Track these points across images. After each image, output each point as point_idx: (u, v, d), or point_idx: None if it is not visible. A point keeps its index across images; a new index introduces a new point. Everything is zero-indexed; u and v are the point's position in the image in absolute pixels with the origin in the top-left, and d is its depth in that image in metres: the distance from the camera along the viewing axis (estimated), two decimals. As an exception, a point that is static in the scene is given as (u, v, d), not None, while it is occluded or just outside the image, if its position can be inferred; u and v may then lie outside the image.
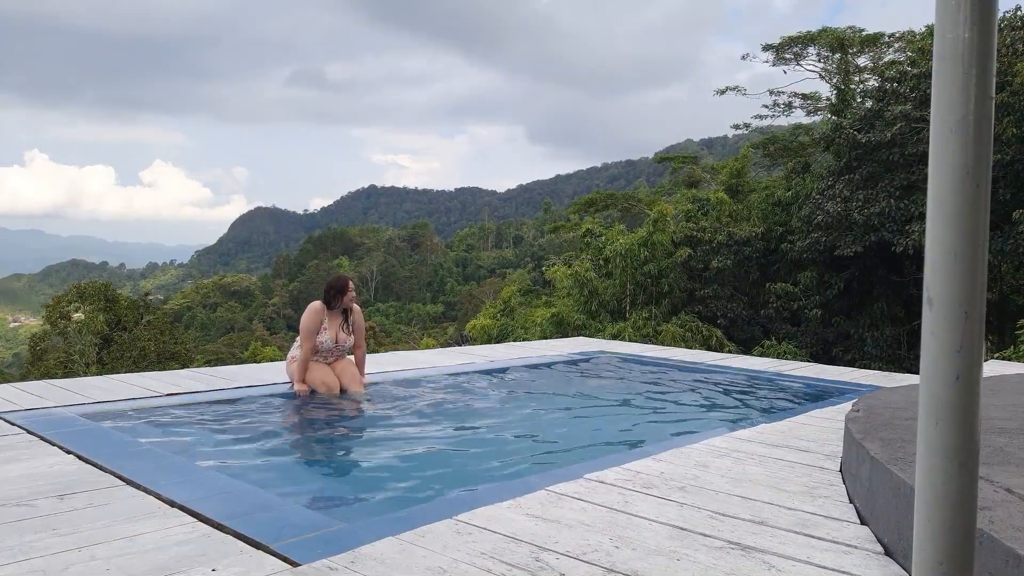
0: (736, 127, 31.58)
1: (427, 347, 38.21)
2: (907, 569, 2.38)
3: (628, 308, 21.19)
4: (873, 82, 24.11)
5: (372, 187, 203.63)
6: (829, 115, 23.83)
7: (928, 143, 1.16)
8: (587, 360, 8.18)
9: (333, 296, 5.71)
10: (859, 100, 24.15)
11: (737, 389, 6.83)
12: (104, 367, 27.15)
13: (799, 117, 28.50)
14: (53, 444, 3.89)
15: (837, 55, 25.08)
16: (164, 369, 18.47)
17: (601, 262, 21.60)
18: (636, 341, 16.39)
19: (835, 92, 23.50)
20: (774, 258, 20.85)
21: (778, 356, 16.56)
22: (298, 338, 5.73)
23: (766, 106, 27.95)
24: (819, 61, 25.72)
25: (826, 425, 4.63)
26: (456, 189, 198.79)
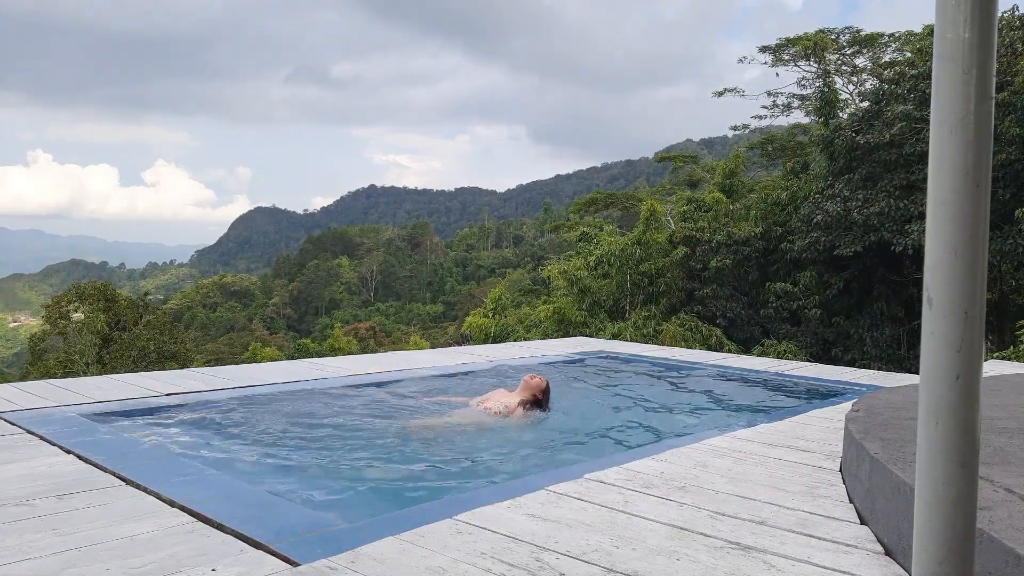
0: (735, 128, 31.61)
1: (416, 346, 38.22)
2: (907, 569, 2.38)
3: (628, 308, 21.22)
4: (871, 83, 24.11)
5: (372, 187, 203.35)
6: (815, 118, 23.88)
7: (928, 143, 1.16)
8: (587, 360, 8.18)
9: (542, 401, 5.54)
10: (855, 101, 24.15)
11: (737, 389, 6.83)
12: (104, 367, 27.13)
13: (798, 117, 28.50)
14: (53, 444, 3.89)
15: (815, 58, 25.04)
16: (164, 369, 18.47)
17: (592, 262, 21.65)
18: (637, 340, 16.39)
19: (818, 95, 23.53)
20: (773, 258, 20.85)
21: (778, 356, 16.56)
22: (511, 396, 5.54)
23: (765, 107, 27.98)
24: (815, 63, 25.70)
25: (826, 425, 4.63)
26: (456, 189, 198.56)
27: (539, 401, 5.44)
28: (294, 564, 2.39)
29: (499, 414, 5.25)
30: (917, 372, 2.41)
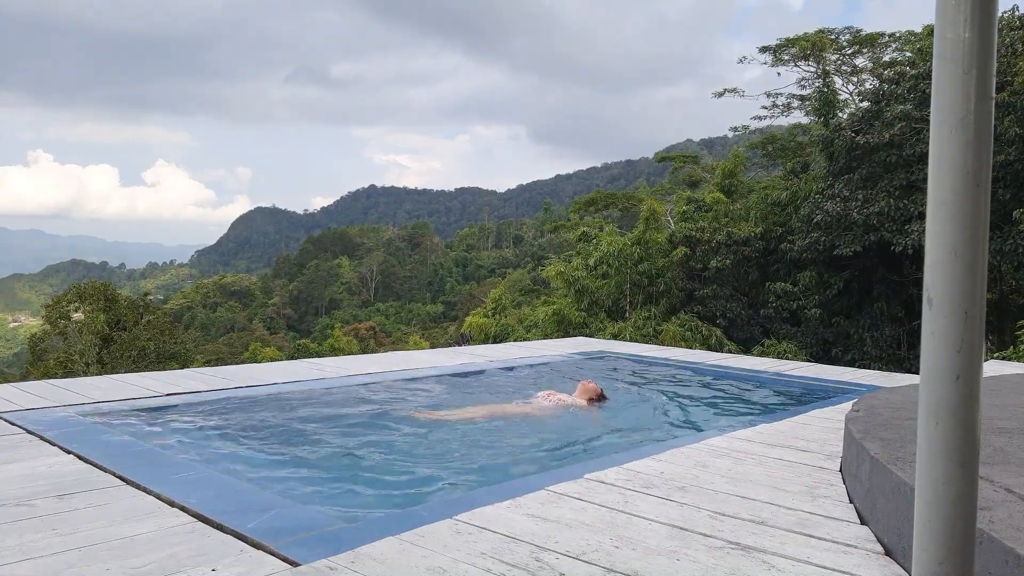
0: (735, 128, 31.57)
1: (416, 346, 38.23)
2: (907, 569, 2.38)
3: (628, 308, 21.22)
4: (871, 83, 24.11)
5: (372, 187, 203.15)
6: (815, 118, 23.88)
7: (928, 143, 1.16)
8: (587, 360, 8.17)
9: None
10: (855, 101, 24.16)
11: (737, 389, 6.83)
12: (104, 367, 27.11)
13: (798, 117, 28.46)
14: (53, 444, 3.89)
15: (815, 59, 25.03)
16: (164, 369, 18.47)
17: (591, 263, 21.66)
18: (637, 341, 16.39)
19: (818, 95, 23.50)
20: (773, 258, 20.84)
21: (778, 356, 16.55)
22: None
23: (765, 107, 27.95)
24: (815, 64, 25.67)
25: (826, 425, 4.63)
26: (456, 189, 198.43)
27: (595, 402, 6.19)
28: (294, 564, 2.39)
29: (573, 406, 5.84)
30: (917, 372, 2.41)
